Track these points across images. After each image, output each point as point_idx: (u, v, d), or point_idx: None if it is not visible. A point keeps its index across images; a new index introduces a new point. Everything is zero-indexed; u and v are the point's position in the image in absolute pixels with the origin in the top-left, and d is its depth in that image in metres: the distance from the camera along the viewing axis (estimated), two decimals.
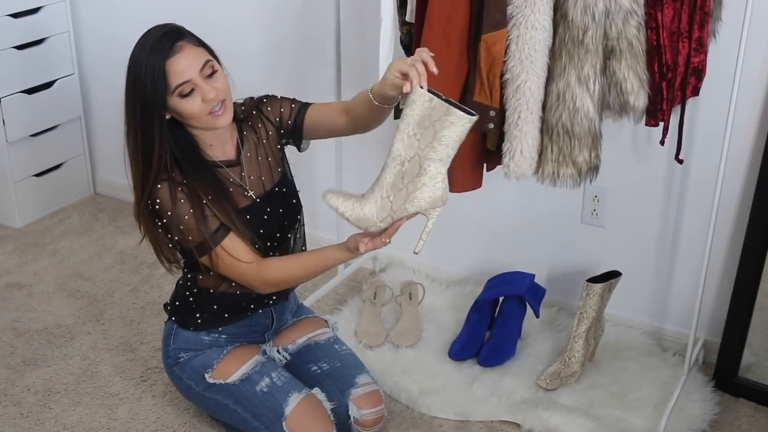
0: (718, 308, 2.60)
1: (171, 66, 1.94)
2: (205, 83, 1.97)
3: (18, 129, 3.39)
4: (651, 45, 2.05)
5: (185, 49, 1.96)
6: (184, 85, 1.95)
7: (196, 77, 1.96)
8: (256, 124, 2.19)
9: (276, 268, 2.09)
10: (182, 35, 1.98)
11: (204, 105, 1.98)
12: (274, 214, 2.17)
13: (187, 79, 1.95)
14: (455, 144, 1.79)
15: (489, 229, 2.95)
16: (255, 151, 2.17)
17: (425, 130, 1.78)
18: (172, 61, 1.94)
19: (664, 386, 2.50)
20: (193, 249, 2.05)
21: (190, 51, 1.97)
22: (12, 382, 2.57)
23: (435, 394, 2.49)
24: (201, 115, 1.99)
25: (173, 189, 2.02)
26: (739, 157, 2.42)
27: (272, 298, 2.27)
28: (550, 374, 2.50)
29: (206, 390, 2.19)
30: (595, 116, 2.06)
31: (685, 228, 2.59)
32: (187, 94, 1.96)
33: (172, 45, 1.95)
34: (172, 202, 2.01)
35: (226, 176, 2.12)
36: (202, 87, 1.97)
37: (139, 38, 2.00)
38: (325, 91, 2.92)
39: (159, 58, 1.93)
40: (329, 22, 2.71)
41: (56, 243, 3.38)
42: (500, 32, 2.05)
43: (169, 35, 1.97)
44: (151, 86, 1.94)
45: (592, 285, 2.48)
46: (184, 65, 1.95)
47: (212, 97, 1.98)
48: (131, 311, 2.92)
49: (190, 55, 1.96)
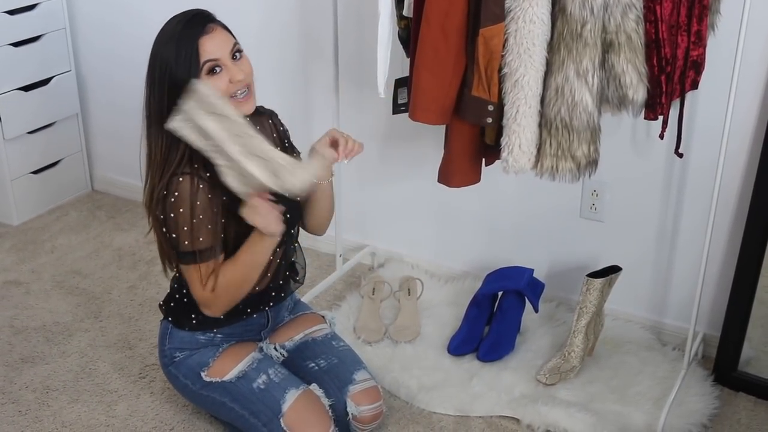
0: (717, 302, 2.60)
1: (203, 43, 1.96)
2: (234, 65, 2.00)
3: (15, 126, 3.38)
4: (650, 38, 2.04)
5: (217, 30, 2.00)
6: (212, 62, 1.97)
7: (226, 57, 1.99)
8: (264, 122, 2.22)
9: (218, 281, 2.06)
10: (213, 18, 2.03)
11: (230, 86, 2.00)
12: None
13: (217, 57, 1.98)
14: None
15: (488, 224, 2.94)
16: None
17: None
18: (205, 39, 1.97)
19: (664, 380, 2.50)
20: (187, 254, 2.02)
21: (221, 33, 2.01)
22: (10, 379, 2.56)
23: (434, 389, 2.48)
24: (226, 96, 1.99)
25: (195, 186, 1.99)
26: (738, 150, 2.42)
27: (269, 303, 2.26)
28: (549, 369, 2.49)
29: (203, 388, 2.18)
30: (594, 110, 2.05)
31: (685, 222, 2.59)
32: (215, 73, 1.98)
33: (204, 25, 1.98)
34: (189, 200, 1.99)
35: None
36: (231, 68, 2.00)
37: (170, 19, 2.02)
38: (323, 88, 2.91)
39: (191, 36, 1.96)
40: (327, 19, 2.70)
41: (54, 240, 3.37)
42: (498, 26, 2.04)
43: (202, 16, 2.01)
44: (183, 63, 1.95)
45: (592, 280, 2.47)
46: (215, 44, 1.98)
47: (240, 79, 2.00)
48: (129, 308, 2.92)
49: (220, 37, 2.00)
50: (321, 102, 2.96)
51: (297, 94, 3.05)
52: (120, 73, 3.52)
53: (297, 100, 2.82)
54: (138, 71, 3.41)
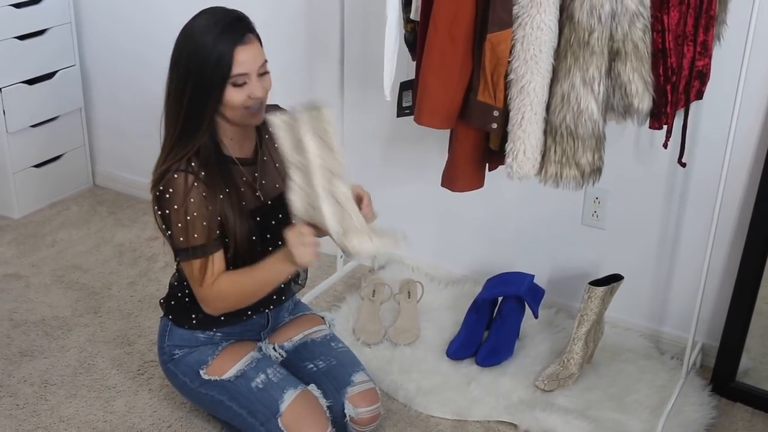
0: (717, 312, 2.60)
1: (239, 53, 1.95)
2: (258, 80, 2.00)
3: (18, 119, 3.38)
4: (656, 48, 2.04)
5: (254, 43, 2.00)
6: (241, 76, 1.97)
7: (254, 72, 1.99)
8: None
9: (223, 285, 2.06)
10: (252, 28, 2.02)
11: (248, 100, 2.00)
12: (283, 222, 2.17)
13: (246, 71, 1.97)
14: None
15: (489, 228, 2.95)
16: (272, 156, 2.18)
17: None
18: (241, 50, 1.96)
19: (662, 389, 2.50)
20: (185, 249, 2.02)
21: (256, 46, 2.01)
22: (8, 373, 2.56)
23: (432, 393, 2.48)
24: (240, 107, 2.00)
25: (189, 182, 2.00)
26: (741, 161, 2.42)
27: (270, 306, 2.27)
28: (548, 375, 2.49)
29: (201, 386, 2.19)
30: (599, 118, 2.05)
31: (686, 231, 2.59)
32: (239, 85, 1.98)
33: (243, 34, 1.97)
34: (184, 196, 1.99)
35: (240, 174, 2.12)
36: (255, 83, 2.00)
37: (204, 14, 2.00)
38: (328, 88, 2.91)
39: (230, 42, 1.95)
40: (334, 19, 2.70)
41: (55, 234, 3.37)
42: (505, 32, 2.05)
43: (242, 23, 2.00)
44: (215, 67, 1.94)
45: (594, 288, 2.47)
46: (249, 57, 1.97)
47: (259, 96, 2.01)
48: (129, 304, 2.92)
49: (255, 51, 1.99)
50: (326, 102, 2.96)
51: (302, 93, 3.05)
52: (124, 69, 3.52)
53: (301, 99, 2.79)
54: (142, 68, 3.45)
